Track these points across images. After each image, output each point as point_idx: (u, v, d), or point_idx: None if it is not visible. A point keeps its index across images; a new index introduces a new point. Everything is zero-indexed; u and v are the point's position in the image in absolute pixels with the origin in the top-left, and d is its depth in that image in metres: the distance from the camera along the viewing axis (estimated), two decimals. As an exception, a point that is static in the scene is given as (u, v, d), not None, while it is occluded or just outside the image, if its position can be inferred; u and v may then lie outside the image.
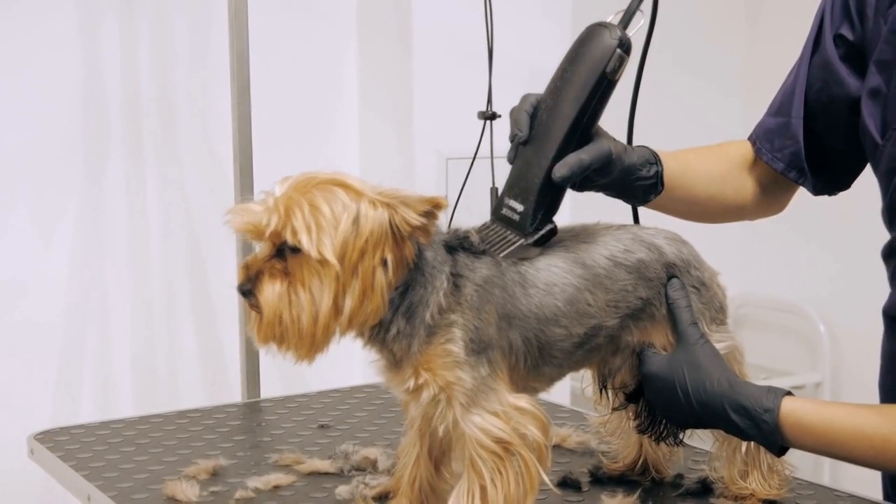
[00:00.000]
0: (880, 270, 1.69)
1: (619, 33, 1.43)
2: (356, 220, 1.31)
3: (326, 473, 1.76)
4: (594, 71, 1.43)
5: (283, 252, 1.33)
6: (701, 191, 1.71)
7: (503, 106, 1.72)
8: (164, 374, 2.85)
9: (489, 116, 1.71)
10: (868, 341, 2.03)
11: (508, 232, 1.47)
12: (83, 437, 1.97)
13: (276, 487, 1.69)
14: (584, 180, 1.50)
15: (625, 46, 1.43)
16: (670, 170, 1.61)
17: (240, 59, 2.42)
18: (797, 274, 3.76)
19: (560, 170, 1.43)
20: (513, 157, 1.50)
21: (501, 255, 1.44)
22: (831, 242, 3.58)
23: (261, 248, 1.35)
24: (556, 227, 1.47)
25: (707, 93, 3.79)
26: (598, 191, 1.57)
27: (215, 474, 1.75)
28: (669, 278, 1.54)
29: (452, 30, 2.79)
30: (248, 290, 1.34)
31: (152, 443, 1.93)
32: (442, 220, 1.47)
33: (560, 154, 1.44)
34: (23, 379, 2.66)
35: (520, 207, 1.46)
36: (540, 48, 2.94)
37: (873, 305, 1.72)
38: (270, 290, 1.32)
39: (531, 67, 2.89)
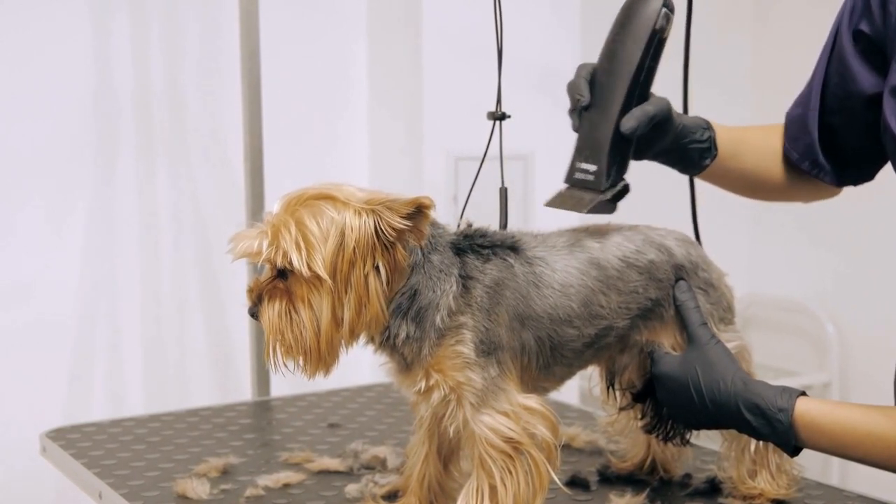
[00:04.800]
0: (888, 270, 1.68)
1: None
2: (342, 233, 1.32)
3: (336, 472, 1.77)
4: (645, 29, 1.51)
5: (285, 271, 1.35)
6: (753, 164, 1.74)
7: (512, 106, 1.73)
8: (174, 372, 2.85)
9: (499, 117, 1.72)
10: (876, 341, 2.03)
11: (584, 193, 1.52)
12: (94, 434, 1.98)
13: (286, 485, 1.70)
14: (644, 144, 1.56)
15: (669, 5, 1.52)
16: (724, 139, 1.65)
17: (250, 57, 2.43)
18: (805, 274, 3.76)
19: (628, 122, 1.50)
20: (577, 124, 1.56)
21: (584, 212, 1.50)
22: (839, 243, 3.57)
23: (265, 270, 1.37)
24: (629, 184, 1.53)
25: (715, 98, 3.77)
26: (654, 158, 1.62)
27: (225, 472, 1.76)
28: (677, 280, 1.55)
29: (462, 29, 2.79)
30: (255, 312, 1.37)
31: (163, 441, 1.94)
32: (450, 221, 1.48)
33: (624, 111, 1.51)
34: (34, 377, 2.66)
35: (592, 168, 1.52)
36: (549, 48, 2.94)
37: (881, 305, 1.72)
38: (270, 311, 1.36)
39: (541, 67, 2.90)
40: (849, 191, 1.78)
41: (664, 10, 1.51)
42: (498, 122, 1.72)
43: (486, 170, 1.72)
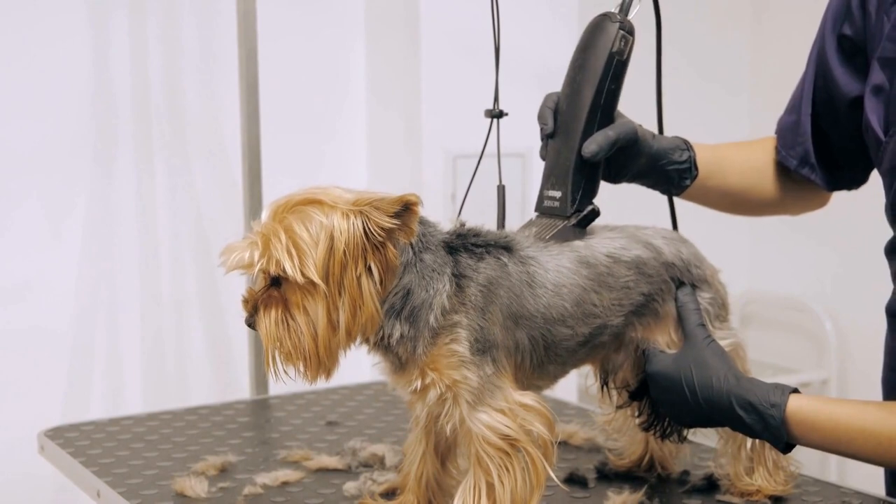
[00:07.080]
0: (886, 268, 1.69)
1: (619, 18, 1.54)
2: (331, 236, 1.32)
3: (334, 470, 1.77)
4: (602, 53, 1.52)
5: (279, 279, 1.35)
6: (737, 181, 1.73)
7: (510, 104, 1.73)
8: (173, 370, 2.85)
9: (496, 114, 1.72)
10: (874, 339, 2.03)
11: (553, 220, 1.53)
12: (93, 433, 1.98)
13: (285, 483, 1.70)
14: (618, 168, 1.56)
15: (626, 28, 1.53)
16: (704, 158, 1.65)
17: (248, 56, 2.43)
18: (804, 271, 3.76)
19: (588, 146, 1.50)
20: (544, 152, 1.57)
21: (547, 238, 1.49)
22: (838, 240, 3.58)
23: (258, 279, 1.37)
24: (597, 208, 1.53)
25: (714, 91, 3.78)
26: (632, 180, 1.61)
27: (224, 470, 1.76)
28: (672, 279, 1.55)
29: (460, 27, 2.79)
30: (252, 322, 1.37)
31: (161, 439, 1.94)
32: (449, 219, 1.47)
33: (586, 135, 1.51)
34: (33, 375, 2.66)
35: (558, 194, 1.53)
36: (547, 45, 2.94)
37: (879, 303, 1.72)
38: (267, 320, 1.35)
39: (539, 65, 2.90)
40: (847, 188, 1.79)
41: (621, 32, 1.52)
42: (495, 120, 1.72)
43: (484, 168, 1.72)
